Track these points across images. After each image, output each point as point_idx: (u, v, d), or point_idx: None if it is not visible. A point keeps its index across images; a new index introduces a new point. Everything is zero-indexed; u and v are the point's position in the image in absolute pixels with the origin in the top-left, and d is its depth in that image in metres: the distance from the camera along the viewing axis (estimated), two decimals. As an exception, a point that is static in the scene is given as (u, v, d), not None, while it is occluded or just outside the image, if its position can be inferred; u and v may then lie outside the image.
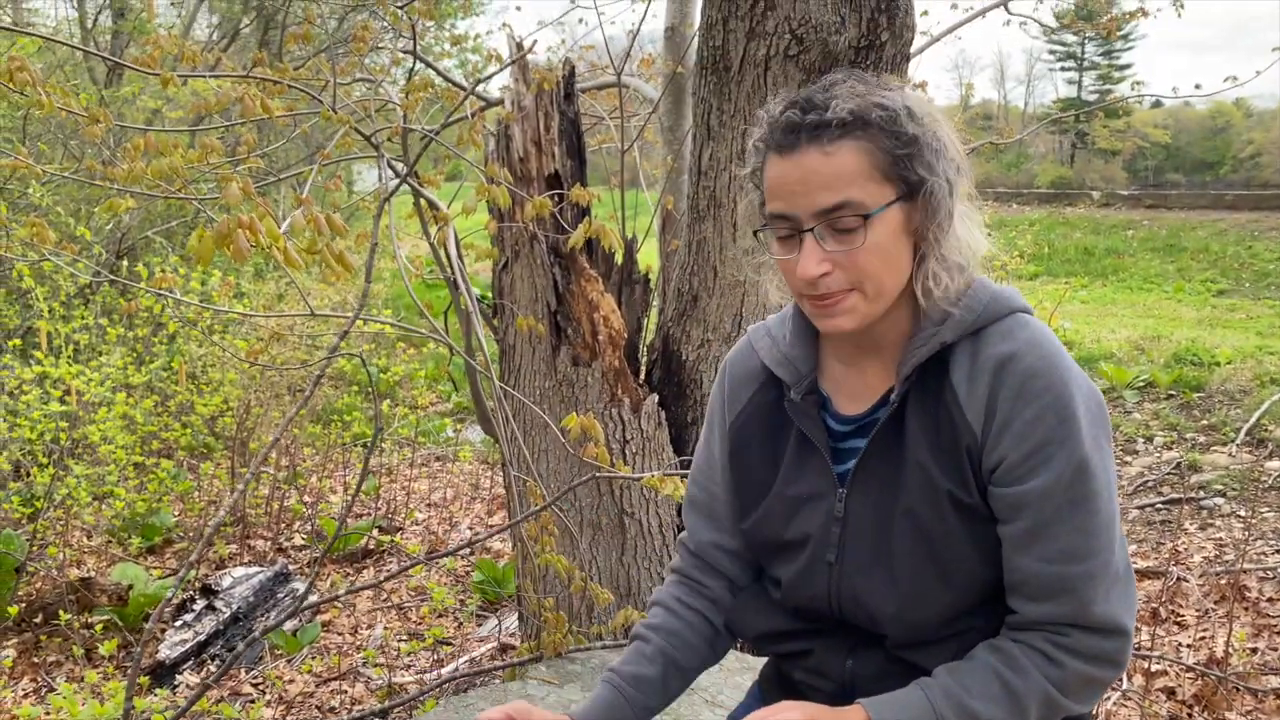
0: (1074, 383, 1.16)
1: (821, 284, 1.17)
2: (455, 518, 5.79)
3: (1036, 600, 1.19)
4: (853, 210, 1.14)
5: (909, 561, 1.22)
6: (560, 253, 2.73)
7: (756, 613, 1.42)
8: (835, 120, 1.15)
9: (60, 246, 2.64)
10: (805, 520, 1.30)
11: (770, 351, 1.36)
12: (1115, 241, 15.18)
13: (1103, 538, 1.16)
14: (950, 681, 1.20)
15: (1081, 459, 1.15)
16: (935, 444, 1.21)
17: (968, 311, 1.20)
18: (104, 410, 4.61)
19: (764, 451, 1.36)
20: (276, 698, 3.64)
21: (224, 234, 1.33)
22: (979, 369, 1.18)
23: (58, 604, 4.08)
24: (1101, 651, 1.18)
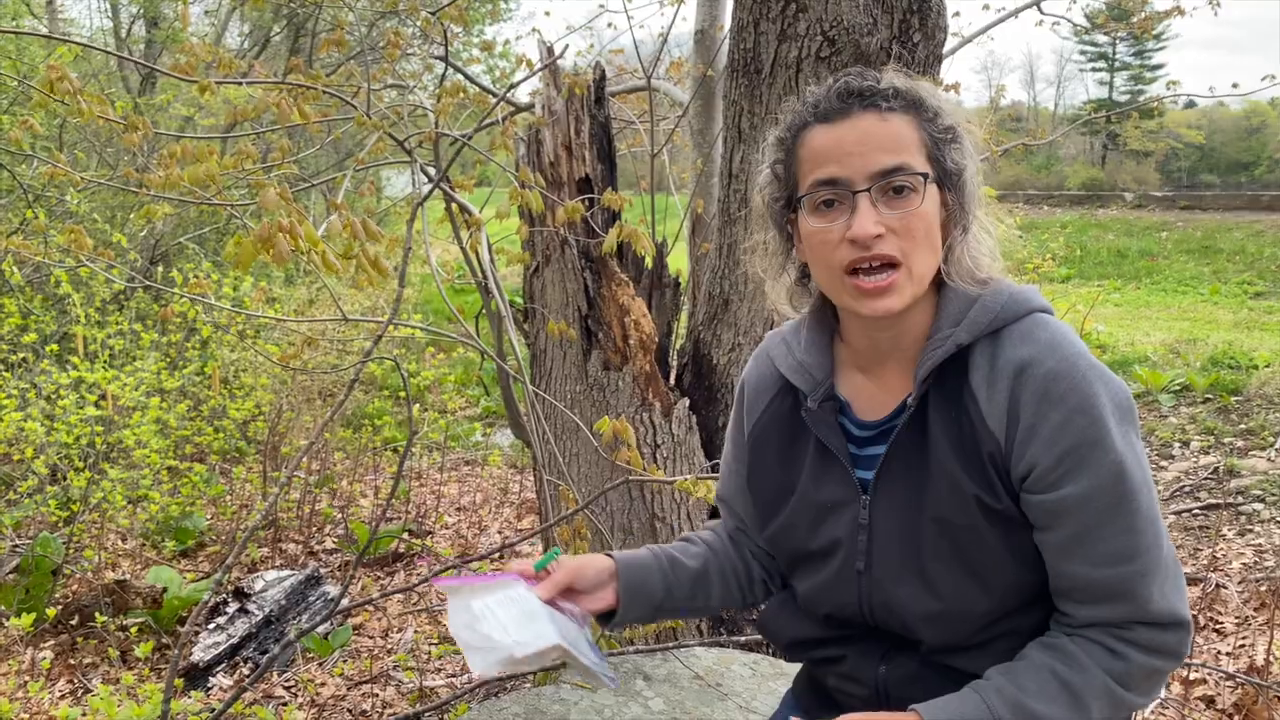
0: (1098, 381, 1.14)
1: (875, 245, 1.15)
2: (484, 522, 5.81)
3: (1091, 604, 1.17)
4: (906, 176, 1.15)
5: (942, 569, 1.20)
6: (591, 257, 2.73)
7: (788, 620, 1.41)
8: (891, 90, 1.18)
9: (97, 252, 2.67)
10: (831, 529, 1.29)
11: (785, 359, 1.35)
12: (1149, 243, 15.00)
13: (1149, 533, 1.14)
14: (1005, 682, 1.17)
15: (1116, 460, 1.13)
16: (959, 449, 1.19)
17: (983, 312, 1.19)
18: (138, 415, 4.66)
19: (783, 460, 1.35)
20: (309, 700, 3.66)
21: (265, 238, 1.34)
22: (998, 374, 1.17)
23: (94, 606, 4.12)
24: (1164, 644, 1.16)
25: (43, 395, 4.57)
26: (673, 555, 1.43)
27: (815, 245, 1.20)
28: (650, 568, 1.40)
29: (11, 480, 4.81)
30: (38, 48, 6.46)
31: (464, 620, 1.29)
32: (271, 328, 5.93)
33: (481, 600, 1.33)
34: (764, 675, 2.16)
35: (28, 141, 2.32)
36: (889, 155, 1.15)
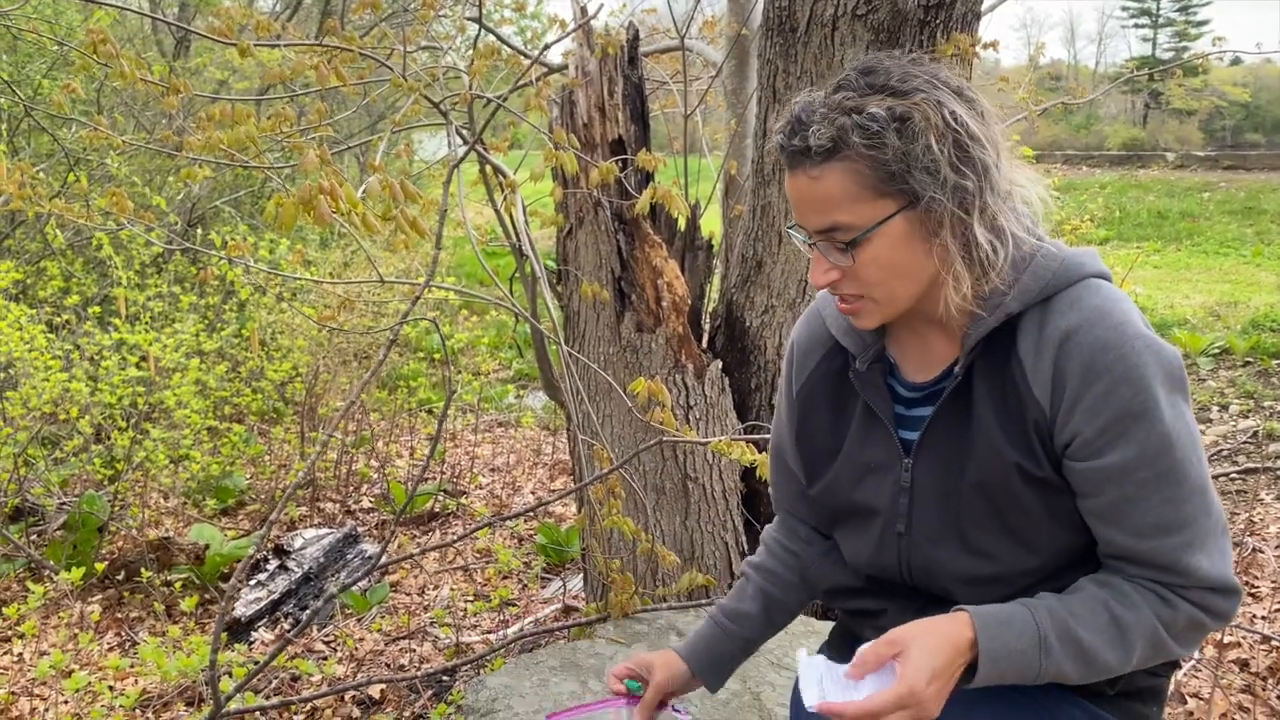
0: (1147, 350, 1.13)
1: (833, 290, 1.22)
2: (518, 482, 5.87)
3: (1140, 567, 1.17)
4: (841, 233, 1.17)
5: (981, 534, 1.21)
6: (624, 219, 2.73)
7: (832, 566, 1.44)
8: (814, 148, 1.15)
9: (137, 215, 2.71)
10: (872, 488, 1.30)
11: (836, 320, 1.37)
12: (1190, 204, 14.70)
13: (1195, 503, 1.14)
14: (1057, 605, 1.17)
15: (1163, 432, 1.12)
16: (1002, 416, 1.19)
17: (1034, 279, 1.18)
18: (177, 376, 4.75)
19: (830, 419, 1.37)
20: (348, 655, 3.74)
21: (306, 200, 1.36)
22: (1045, 341, 1.16)
23: (139, 562, 4.22)
24: (1215, 605, 1.17)
25: (86, 357, 4.66)
26: (734, 609, 1.49)
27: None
28: (718, 640, 1.48)
29: (58, 439, 4.93)
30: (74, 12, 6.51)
31: None
32: (307, 291, 5.99)
33: None
34: (796, 634, 2.18)
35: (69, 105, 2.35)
36: (820, 217, 1.18)
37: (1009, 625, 1.16)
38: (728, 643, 1.47)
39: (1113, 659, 1.16)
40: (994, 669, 1.15)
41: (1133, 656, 1.16)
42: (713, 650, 1.48)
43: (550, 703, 1.82)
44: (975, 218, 1.16)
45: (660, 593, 2.44)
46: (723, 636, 1.48)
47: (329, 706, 3.28)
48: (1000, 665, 1.15)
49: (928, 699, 1.12)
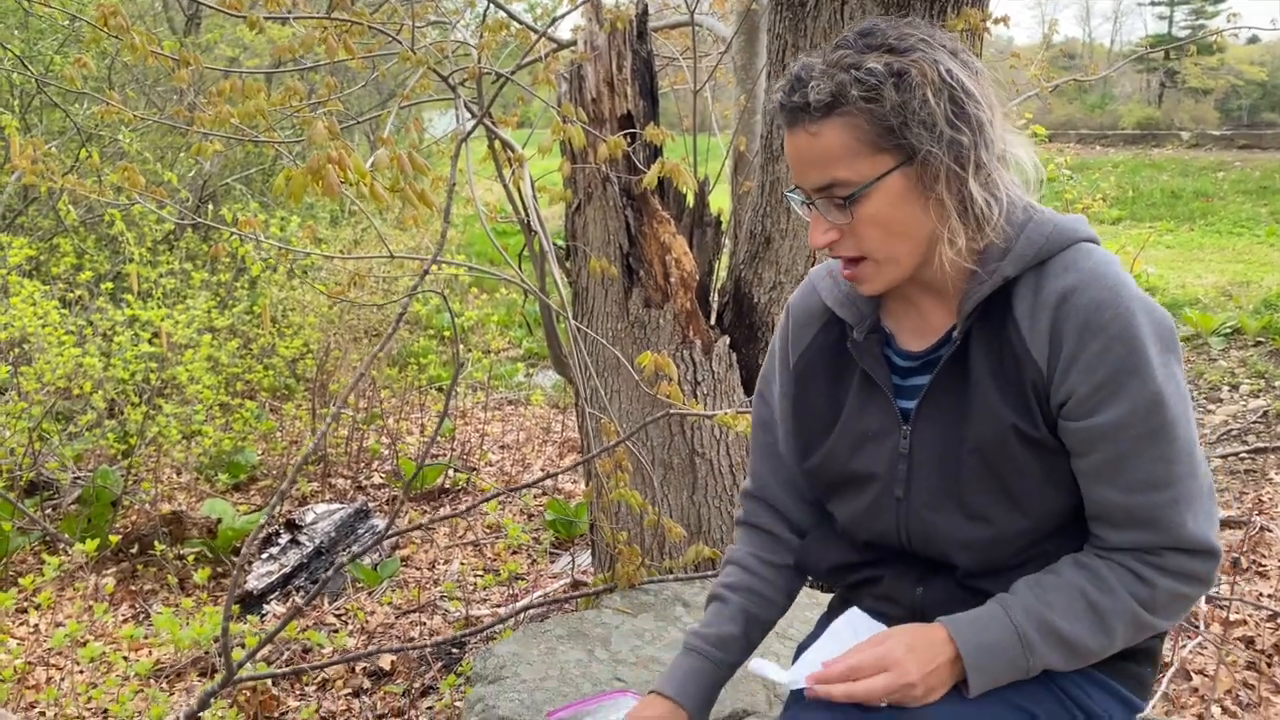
0: (1140, 311, 1.15)
1: (832, 251, 1.22)
2: (528, 459, 5.90)
3: (1122, 528, 1.19)
4: (840, 189, 1.18)
5: (980, 498, 1.23)
6: (632, 195, 2.74)
7: (825, 548, 1.45)
8: (814, 103, 1.16)
9: (150, 190, 2.72)
10: (871, 456, 1.32)
11: (832, 292, 1.37)
12: (1204, 184, 14.59)
13: (1184, 463, 1.16)
14: (1032, 599, 1.20)
15: (1155, 390, 1.14)
16: (1000, 379, 1.21)
17: (1028, 245, 1.20)
18: (190, 353, 4.78)
19: (828, 390, 1.38)
20: (358, 628, 3.78)
21: (314, 169, 1.37)
22: (1041, 303, 1.18)
23: (152, 535, 4.27)
24: (1193, 571, 1.19)
25: (99, 333, 4.70)
26: (715, 634, 1.46)
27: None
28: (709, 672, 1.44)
29: (71, 414, 4.97)
30: (85, -13, 6.51)
31: None
32: (319, 268, 6.02)
33: None
34: (799, 605, 2.20)
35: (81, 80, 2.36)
36: (819, 173, 1.19)
37: (985, 627, 1.20)
38: (717, 672, 1.45)
39: (1095, 645, 1.20)
40: (981, 671, 1.19)
41: (1115, 640, 1.20)
42: (707, 684, 1.44)
43: (557, 670, 1.85)
44: (971, 173, 1.17)
45: (666, 565, 2.46)
46: (709, 666, 1.44)
47: (340, 678, 3.33)
48: (985, 666, 1.19)
49: (902, 658, 1.18)
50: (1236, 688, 3.22)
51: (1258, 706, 3.11)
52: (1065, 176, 7.01)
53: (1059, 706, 1.23)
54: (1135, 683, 1.29)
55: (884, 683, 1.17)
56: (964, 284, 1.24)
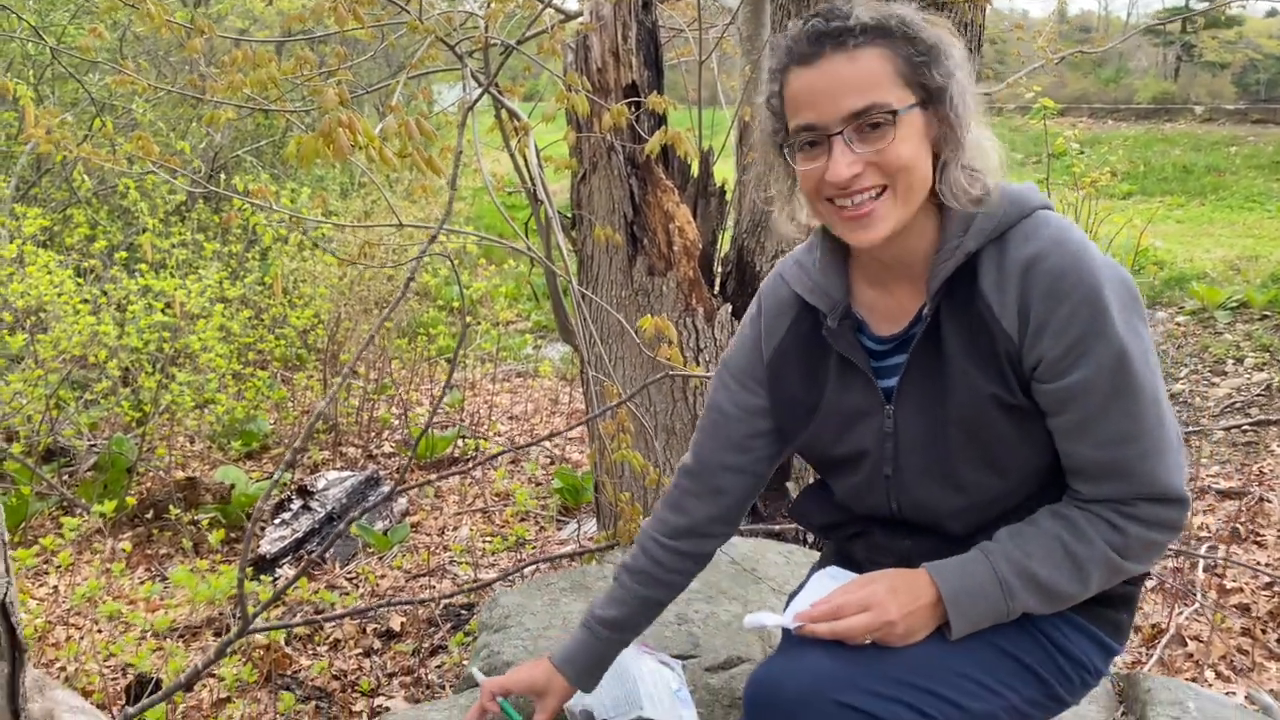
0: (1101, 273, 1.19)
1: (854, 184, 1.19)
2: (536, 430, 5.97)
3: (1097, 481, 1.24)
4: (878, 113, 1.18)
5: (966, 467, 1.28)
6: (637, 164, 2.78)
7: (820, 507, 1.50)
8: (858, 26, 1.19)
9: (163, 159, 2.78)
10: (857, 436, 1.36)
11: (801, 280, 1.39)
12: (1216, 159, 14.48)
13: (1150, 416, 1.21)
14: (1012, 547, 1.26)
15: (1119, 348, 1.19)
16: (973, 352, 1.25)
17: (987, 219, 1.23)
18: (201, 323, 4.85)
19: (806, 377, 1.40)
20: (369, 591, 3.87)
21: (326, 133, 1.42)
22: (1007, 275, 1.22)
23: (167, 501, 4.36)
24: (1164, 518, 1.24)
25: (112, 303, 4.77)
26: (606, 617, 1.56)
27: (802, 183, 1.25)
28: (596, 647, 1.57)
29: (87, 383, 5.05)
30: (97, -40, 6.53)
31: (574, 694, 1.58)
32: (329, 240, 6.07)
33: None
34: (797, 563, 2.27)
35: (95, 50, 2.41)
36: (858, 96, 1.18)
37: (968, 574, 1.26)
38: (604, 648, 1.56)
39: (1072, 589, 1.26)
40: (963, 615, 1.25)
41: (1090, 584, 1.26)
42: (591, 657, 1.57)
43: (559, 620, 1.92)
44: (970, 124, 1.23)
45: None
46: (599, 644, 1.56)
47: (351, 638, 3.41)
48: (967, 610, 1.25)
49: (884, 598, 1.24)
50: (1231, 653, 3.27)
51: (1251, 671, 3.17)
52: (1075, 150, 6.99)
53: (1039, 649, 1.29)
54: (1112, 627, 1.34)
55: (866, 621, 1.23)
56: (929, 262, 1.27)
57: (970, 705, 1.24)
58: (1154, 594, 3.67)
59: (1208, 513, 4.43)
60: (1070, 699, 1.33)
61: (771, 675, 1.26)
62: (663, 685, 1.66)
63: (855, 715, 1.19)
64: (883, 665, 1.23)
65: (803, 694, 1.20)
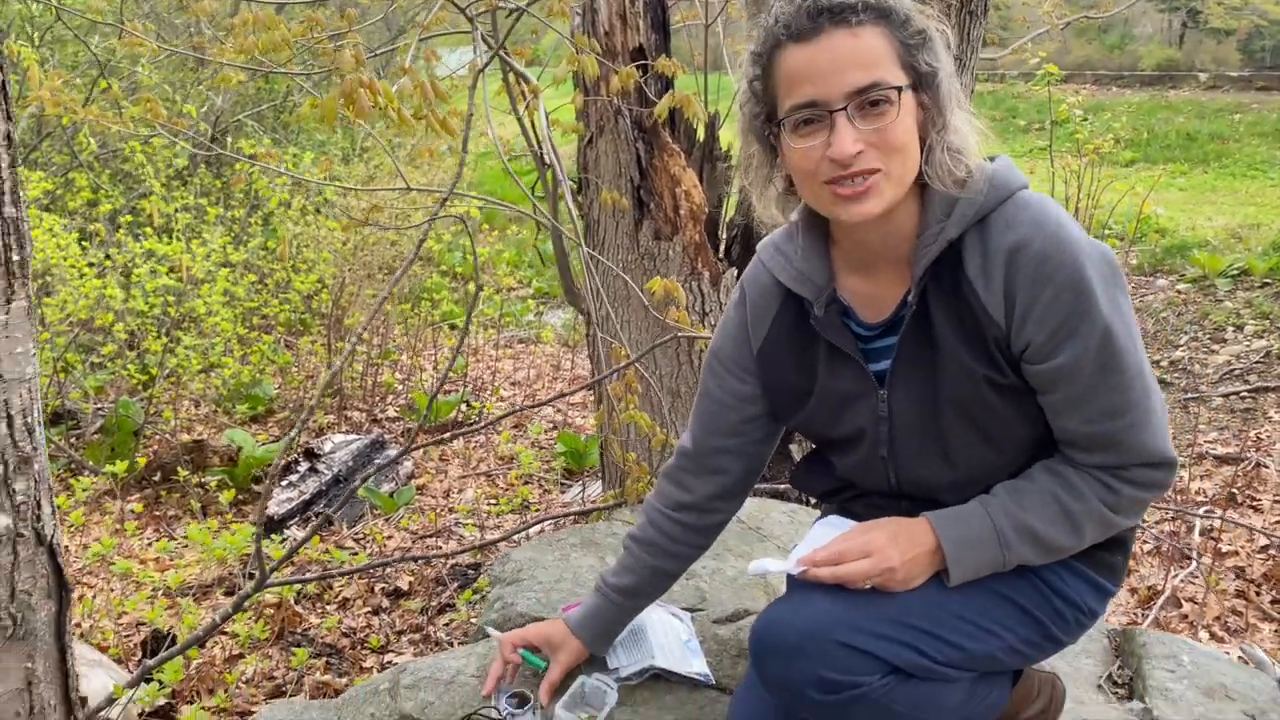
0: (1082, 253, 1.21)
1: (855, 163, 1.19)
2: (539, 396, 6.01)
3: (1089, 451, 1.28)
4: (880, 91, 1.18)
5: (961, 445, 1.32)
6: (644, 128, 2.79)
7: (820, 477, 1.54)
8: (859, 3, 1.20)
9: (173, 120, 2.79)
10: (852, 419, 1.38)
11: (785, 269, 1.39)
12: (1220, 126, 14.41)
13: (1137, 388, 1.24)
14: (1010, 501, 1.30)
15: (1104, 327, 1.21)
16: (962, 335, 1.27)
17: (968, 205, 1.24)
18: (206, 287, 4.87)
19: (797, 364, 1.42)
20: (376, 551, 3.92)
21: (348, 93, 1.44)
22: (991, 262, 1.23)
23: (174, 463, 4.40)
24: (1154, 480, 1.29)
25: (117, 267, 4.78)
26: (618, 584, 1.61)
27: (797, 163, 1.24)
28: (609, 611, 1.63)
29: (92, 346, 5.08)
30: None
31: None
32: (332, 205, 6.08)
33: None
34: (801, 522, 2.31)
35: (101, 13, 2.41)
36: (863, 72, 1.18)
37: (966, 524, 1.30)
38: (618, 612, 1.62)
39: (1068, 542, 1.30)
40: (961, 564, 1.29)
41: (1084, 538, 1.30)
42: (602, 621, 1.63)
43: (570, 574, 1.96)
44: (954, 110, 1.24)
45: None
46: (613, 608, 1.62)
47: (359, 597, 3.47)
48: (965, 559, 1.29)
49: (885, 545, 1.28)
50: (1225, 615, 3.33)
51: (1245, 632, 3.23)
52: (1078, 118, 6.97)
53: (1035, 592, 1.33)
54: (1108, 569, 1.38)
55: (867, 566, 1.27)
56: (911, 246, 1.28)
57: (969, 646, 1.28)
58: (1150, 556, 3.73)
59: (1205, 478, 4.48)
60: (1066, 639, 1.37)
61: (775, 619, 1.30)
62: (673, 635, 1.70)
63: (857, 656, 1.23)
64: (884, 608, 1.27)
65: (806, 636, 1.25)
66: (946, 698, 1.30)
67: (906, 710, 1.26)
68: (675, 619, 1.77)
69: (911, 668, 1.25)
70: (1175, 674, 1.84)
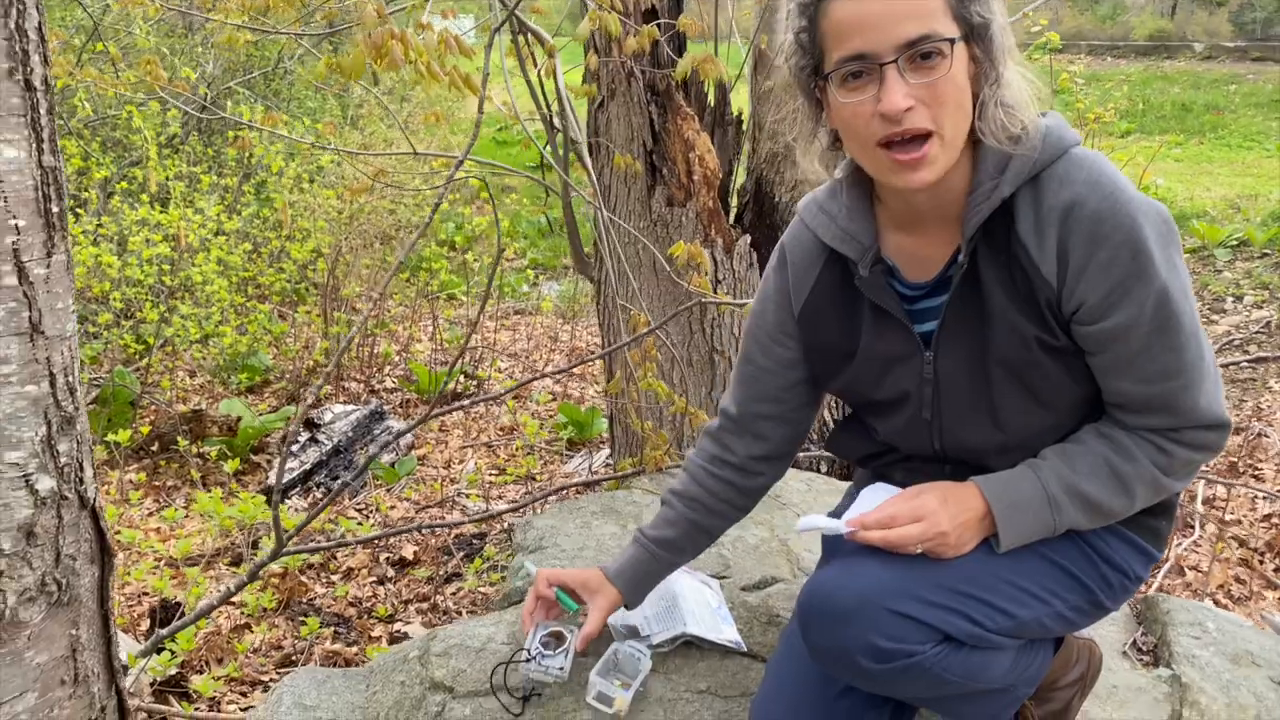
0: (1140, 212, 1.18)
1: (906, 119, 1.15)
2: (537, 367, 5.98)
3: (1141, 414, 1.25)
4: (932, 44, 1.14)
5: (1010, 407, 1.28)
6: (657, 90, 2.74)
7: (859, 439, 1.51)
8: None
9: (173, 85, 2.73)
10: (895, 381, 1.36)
11: (828, 228, 1.36)
12: (1216, 97, 14.40)
13: (1191, 348, 1.22)
14: (1060, 464, 1.27)
15: (1160, 288, 1.18)
16: (1014, 296, 1.23)
17: (1023, 161, 1.21)
18: (201, 255, 4.81)
19: (840, 325, 1.39)
20: (380, 521, 3.90)
21: (378, 46, 1.39)
22: (1044, 221, 1.20)
23: (173, 433, 4.36)
24: (1207, 441, 1.26)
25: (110, 236, 4.71)
26: (658, 536, 1.57)
27: (846, 119, 1.20)
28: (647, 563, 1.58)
29: (87, 315, 5.02)
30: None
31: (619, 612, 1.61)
32: (326, 174, 6.00)
33: None
34: (819, 491, 2.29)
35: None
36: (914, 24, 1.14)
37: (1016, 488, 1.27)
38: (657, 565, 1.58)
39: (1119, 505, 1.27)
40: (1012, 528, 1.26)
41: (1135, 501, 1.28)
42: (642, 572, 1.58)
43: (593, 541, 1.94)
44: (1009, 58, 1.20)
45: (689, 452, 2.54)
46: (651, 559, 1.57)
47: (364, 567, 3.45)
48: (1015, 524, 1.26)
49: (935, 509, 1.25)
50: (1229, 583, 3.34)
51: (1248, 600, 3.24)
52: (1079, 86, 6.92)
53: (1084, 557, 1.31)
54: (1152, 534, 1.37)
55: (918, 531, 1.25)
56: (961, 205, 1.25)
57: (1020, 613, 1.26)
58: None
59: (1207, 447, 4.48)
60: (1111, 605, 1.36)
61: (824, 586, 1.28)
62: (703, 602, 1.69)
63: (909, 623, 1.21)
64: (935, 575, 1.25)
65: (857, 603, 1.23)
66: (995, 665, 1.29)
67: (958, 679, 1.25)
68: (705, 586, 1.75)
69: (964, 635, 1.24)
70: (1200, 640, 1.83)
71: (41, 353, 0.95)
